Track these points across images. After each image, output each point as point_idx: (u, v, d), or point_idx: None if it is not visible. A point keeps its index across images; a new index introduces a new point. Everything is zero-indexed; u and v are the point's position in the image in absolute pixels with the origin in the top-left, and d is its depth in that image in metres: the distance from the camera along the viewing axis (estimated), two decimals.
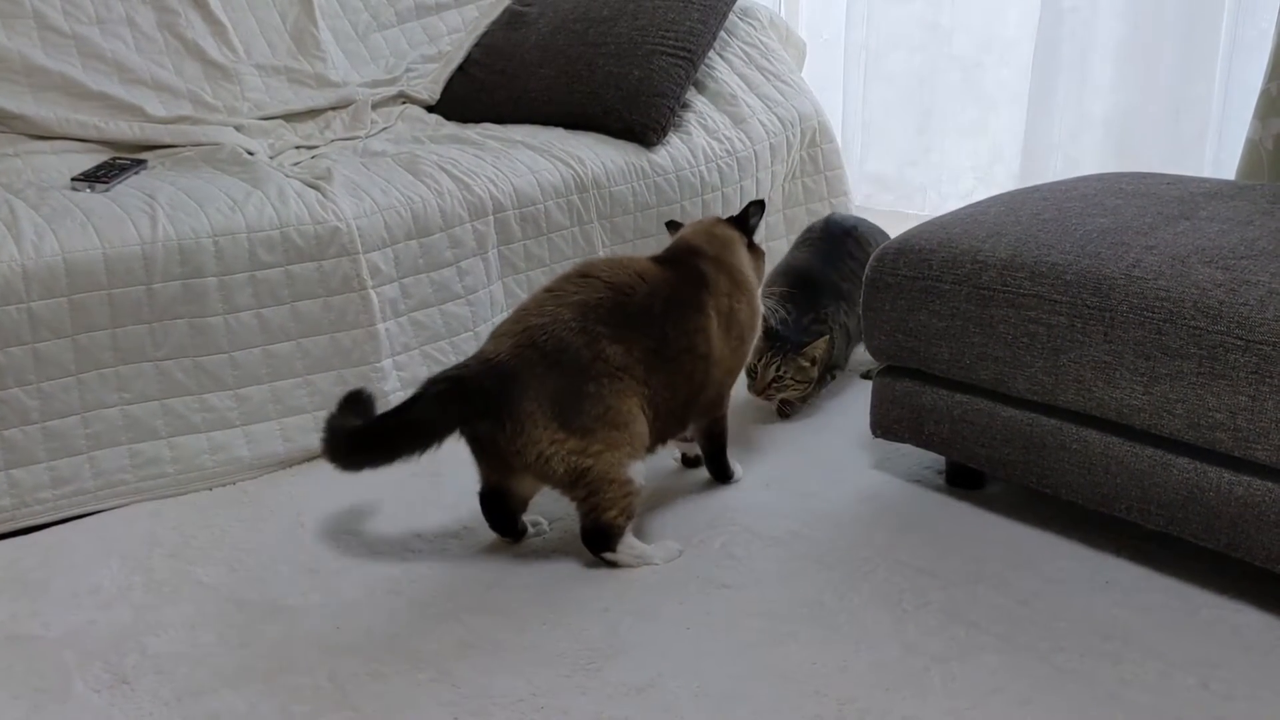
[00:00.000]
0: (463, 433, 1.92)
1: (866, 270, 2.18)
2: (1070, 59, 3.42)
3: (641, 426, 1.94)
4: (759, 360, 2.44)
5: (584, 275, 2.01)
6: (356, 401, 2.02)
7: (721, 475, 2.25)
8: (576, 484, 1.89)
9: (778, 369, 2.45)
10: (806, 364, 2.46)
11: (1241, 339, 1.71)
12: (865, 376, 2.67)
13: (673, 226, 2.31)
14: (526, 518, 2.07)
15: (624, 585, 1.92)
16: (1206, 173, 3.15)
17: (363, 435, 1.91)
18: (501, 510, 2.03)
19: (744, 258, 2.19)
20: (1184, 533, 1.85)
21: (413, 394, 1.89)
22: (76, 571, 1.98)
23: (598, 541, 1.94)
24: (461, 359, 2.50)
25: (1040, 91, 3.48)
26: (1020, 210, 2.13)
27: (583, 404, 1.87)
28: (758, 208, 2.24)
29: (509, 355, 1.89)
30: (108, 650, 1.76)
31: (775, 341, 2.44)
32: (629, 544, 1.96)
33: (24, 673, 1.72)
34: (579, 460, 1.87)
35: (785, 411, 2.57)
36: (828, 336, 2.49)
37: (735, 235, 2.20)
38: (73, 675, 1.71)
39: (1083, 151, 3.46)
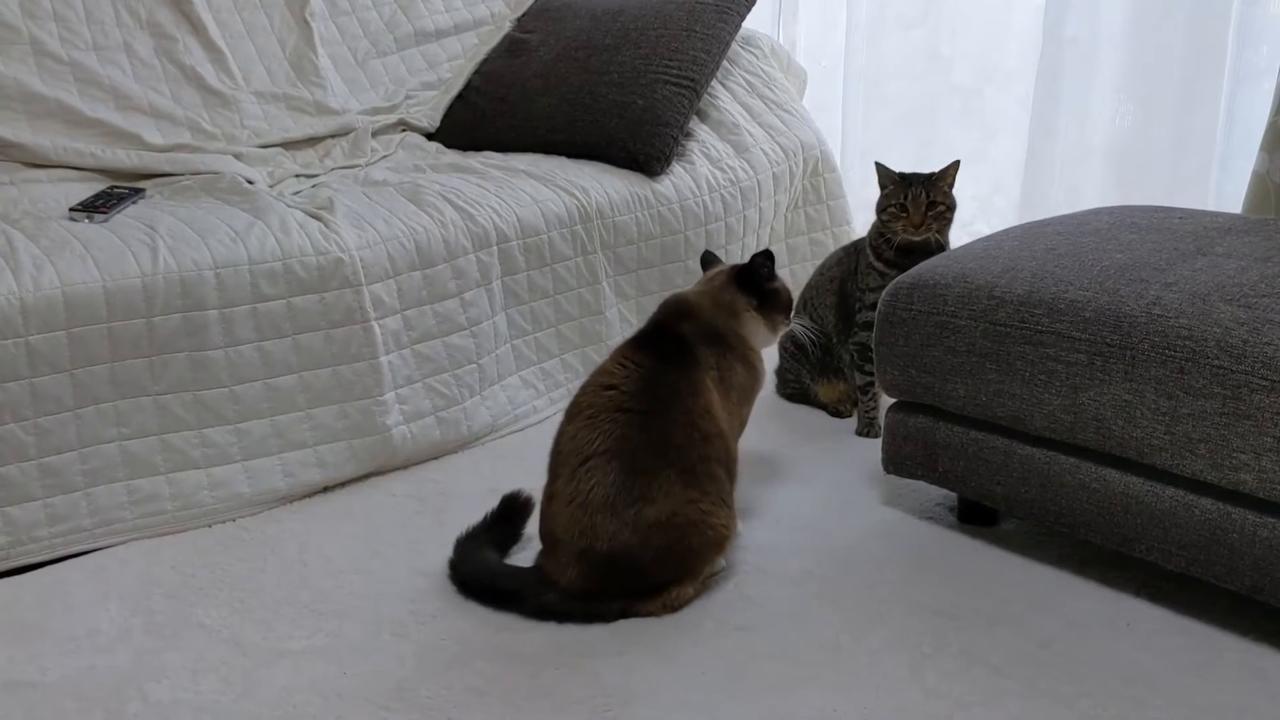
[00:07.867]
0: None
1: (880, 305, 2.15)
2: (1071, 89, 3.40)
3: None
4: (903, 198, 2.43)
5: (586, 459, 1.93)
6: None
7: None
8: None
9: (927, 196, 2.42)
10: (947, 186, 2.46)
11: (1266, 379, 1.69)
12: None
13: (706, 261, 2.27)
14: None
15: (639, 627, 1.88)
16: (1211, 204, 3.14)
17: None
18: None
19: (743, 323, 2.11)
20: (1206, 574, 1.82)
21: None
22: (74, 613, 1.93)
23: None
24: (464, 389, 2.50)
25: (1041, 121, 3.47)
26: (1034, 245, 2.11)
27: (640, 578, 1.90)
28: (765, 258, 2.11)
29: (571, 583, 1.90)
30: (108, 697, 1.71)
31: (905, 183, 2.45)
32: None
33: None
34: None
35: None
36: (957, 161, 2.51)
37: (740, 302, 2.10)
38: None
39: (1084, 181, 3.45)
